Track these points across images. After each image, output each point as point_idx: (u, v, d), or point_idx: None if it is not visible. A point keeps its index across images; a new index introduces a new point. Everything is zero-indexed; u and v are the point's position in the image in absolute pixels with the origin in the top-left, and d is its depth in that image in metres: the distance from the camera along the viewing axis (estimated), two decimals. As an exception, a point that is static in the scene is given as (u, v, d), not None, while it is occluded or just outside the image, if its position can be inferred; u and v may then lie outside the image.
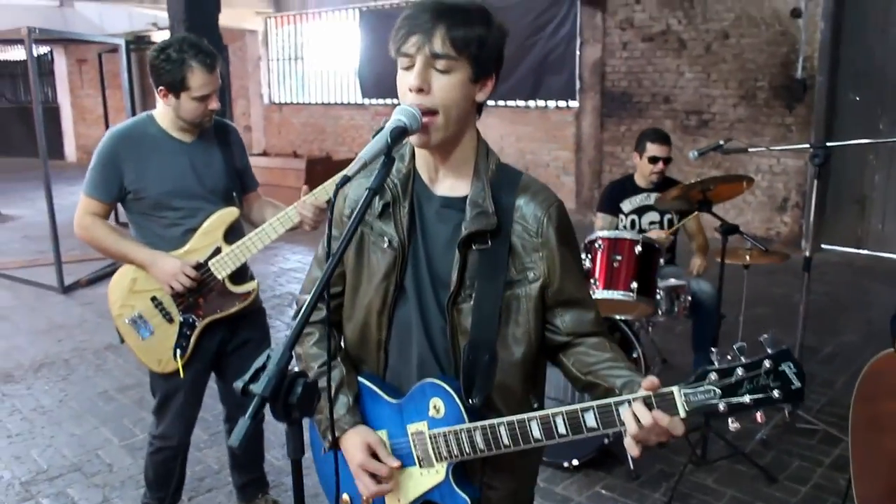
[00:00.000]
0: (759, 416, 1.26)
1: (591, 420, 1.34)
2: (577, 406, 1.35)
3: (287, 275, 7.39)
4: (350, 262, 1.58)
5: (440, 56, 1.37)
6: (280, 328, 5.68)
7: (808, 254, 3.76)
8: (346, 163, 12.53)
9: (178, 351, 2.60)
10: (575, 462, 3.48)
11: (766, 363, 1.24)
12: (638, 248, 3.50)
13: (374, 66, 11.93)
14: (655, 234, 4.16)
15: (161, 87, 2.48)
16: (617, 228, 4.26)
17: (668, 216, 4.33)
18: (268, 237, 2.57)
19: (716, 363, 1.28)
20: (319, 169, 11.63)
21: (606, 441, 3.43)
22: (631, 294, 3.44)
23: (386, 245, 1.51)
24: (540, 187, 1.53)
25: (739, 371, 1.25)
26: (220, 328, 2.70)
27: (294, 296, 6.58)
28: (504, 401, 1.49)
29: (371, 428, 1.55)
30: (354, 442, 1.51)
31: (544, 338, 1.53)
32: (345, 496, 1.60)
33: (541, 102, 10.13)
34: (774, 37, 7.80)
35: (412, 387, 1.52)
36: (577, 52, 9.51)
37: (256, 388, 1.14)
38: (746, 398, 1.25)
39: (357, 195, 1.57)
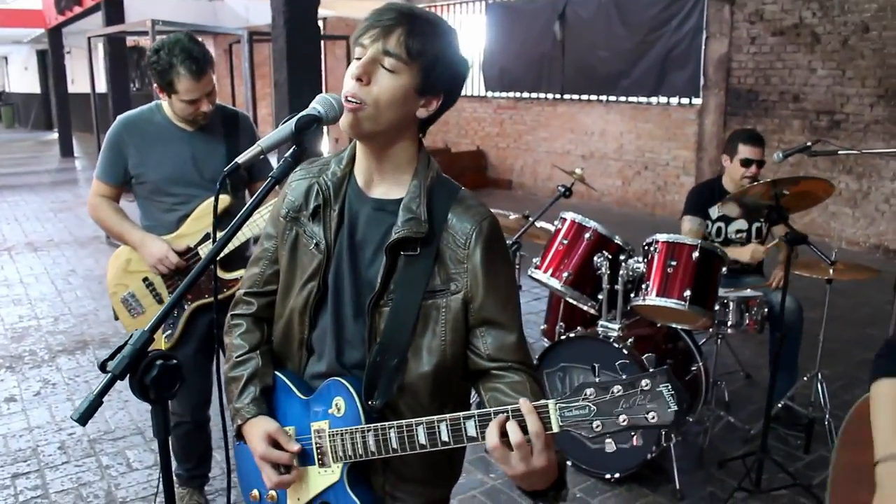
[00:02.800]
0: (634, 439, 1.18)
1: (471, 429, 1.28)
2: (461, 414, 1.30)
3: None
4: (284, 262, 1.59)
5: (390, 54, 1.36)
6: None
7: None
8: (465, 155, 12.63)
9: (167, 332, 2.69)
10: (617, 475, 3.33)
11: (644, 382, 1.15)
12: (696, 255, 3.28)
13: (498, 60, 11.90)
14: (752, 248, 3.87)
15: (156, 84, 2.59)
16: (704, 236, 4.02)
17: (756, 225, 4.04)
18: (257, 226, 2.57)
19: (596, 379, 1.18)
20: (439, 160, 11.62)
21: (650, 456, 3.25)
22: (683, 303, 3.23)
23: (313, 247, 1.52)
24: (476, 202, 1.49)
25: (616, 389, 1.17)
26: (211, 313, 2.74)
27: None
28: (411, 410, 1.46)
29: (278, 421, 1.55)
30: (255, 432, 1.51)
31: (465, 358, 1.49)
32: (254, 492, 1.61)
33: (663, 99, 9.73)
34: (921, 31, 7.08)
35: (320, 386, 1.51)
36: (703, 47, 9.05)
37: (110, 365, 1.16)
38: (621, 418, 1.16)
39: (296, 195, 1.57)
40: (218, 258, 2.58)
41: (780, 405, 3.78)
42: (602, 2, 10.11)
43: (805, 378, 3.81)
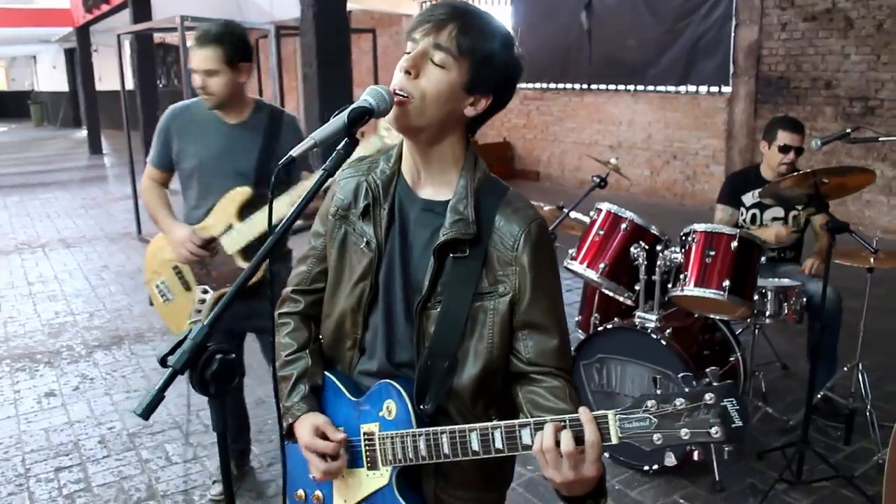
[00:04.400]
0: (696, 454, 1.16)
1: (526, 437, 1.28)
2: (516, 422, 1.29)
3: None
4: (332, 261, 1.58)
5: (441, 48, 1.35)
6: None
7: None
8: (492, 146, 12.59)
9: (194, 317, 2.78)
10: (655, 466, 3.30)
11: (708, 396, 1.13)
12: (734, 244, 3.25)
13: (525, 49, 11.71)
14: (776, 229, 3.85)
15: None
16: (738, 223, 3.98)
17: (793, 212, 3.99)
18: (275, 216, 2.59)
19: (658, 390, 1.18)
20: (465, 152, 11.73)
21: (690, 448, 3.23)
22: (722, 293, 3.20)
23: (364, 245, 1.51)
24: (524, 204, 1.47)
25: (678, 402, 1.15)
26: (235, 303, 2.77)
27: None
28: (459, 413, 1.45)
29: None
30: (304, 427, 1.51)
31: (508, 360, 1.47)
32: (299, 491, 1.61)
33: (692, 87, 9.62)
34: (959, 13, 6.94)
35: (371, 387, 1.51)
36: (732, 34, 8.93)
37: (171, 360, 1.17)
38: (682, 432, 1.14)
39: (345, 193, 1.57)
40: (239, 248, 2.65)
41: (819, 396, 3.73)
42: (629, -10, 10.02)
43: (845, 368, 3.75)
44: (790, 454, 3.27)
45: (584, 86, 11.11)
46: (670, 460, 1.18)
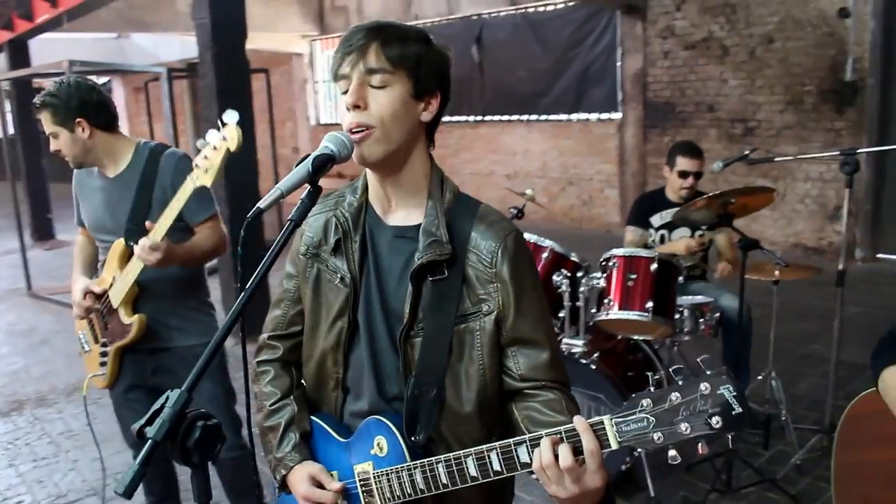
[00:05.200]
0: (700, 447, 1.14)
1: (524, 455, 1.25)
2: (510, 441, 1.26)
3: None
4: (308, 301, 1.54)
5: (375, 70, 1.34)
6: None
7: (841, 266, 3.55)
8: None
9: (99, 370, 2.73)
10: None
11: (703, 386, 1.11)
12: (654, 266, 3.37)
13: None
14: (685, 241, 4.01)
15: None
16: (646, 244, 4.13)
17: (699, 232, 4.17)
18: (136, 269, 2.50)
19: (651, 388, 1.16)
20: (365, 188, 11.72)
21: (625, 467, 3.30)
22: (646, 315, 3.31)
23: (338, 281, 1.47)
24: (498, 217, 1.46)
25: (674, 396, 1.12)
26: (140, 357, 2.72)
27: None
28: (458, 440, 1.41)
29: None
30: (298, 477, 1.46)
31: (501, 379, 1.45)
32: None
33: (583, 115, 9.99)
34: (821, 39, 7.51)
35: (359, 426, 1.47)
36: (619, 63, 9.35)
37: (150, 431, 1.10)
38: (683, 427, 1.11)
39: (314, 231, 1.54)
40: (121, 301, 2.56)
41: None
42: (517, 23, 10.34)
43: (759, 377, 3.94)
44: (719, 464, 3.39)
45: (479, 117, 11.33)
46: (675, 460, 1.15)
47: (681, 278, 3.49)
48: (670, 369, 1.16)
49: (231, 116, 1.95)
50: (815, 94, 7.65)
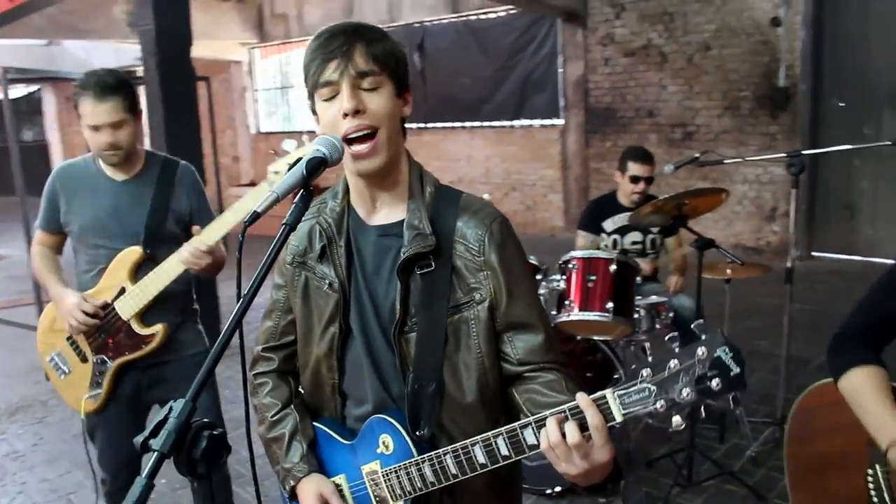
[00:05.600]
0: (703, 411, 1.17)
1: (530, 437, 1.26)
2: (515, 424, 1.27)
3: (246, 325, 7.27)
4: (298, 310, 1.53)
5: (366, 74, 1.33)
6: (236, 377, 5.59)
7: (789, 264, 3.68)
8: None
9: (93, 391, 2.56)
10: (558, 488, 3.38)
11: (700, 350, 1.13)
12: (613, 268, 3.43)
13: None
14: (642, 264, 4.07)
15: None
16: (598, 248, 4.19)
17: (650, 236, 4.25)
18: (167, 276, 2.46)
19: (649, 359, 1.20)
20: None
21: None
22: (607, 315, 3.36)
23: (327, 287, 1.47)
24: (481, 205, 1.47)
25: (672, 363, 1.14)
26: (136, 373, 2.61)
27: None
28: (463, 431, 1.40)
29: (328, 474, 1.50)
30: (308, 493, 1.45)
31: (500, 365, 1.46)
32: None
33: (525, 121, 10.11)
34: (755, 46, 7.79)
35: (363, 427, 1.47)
36: (560, 70, 9.50)
37: (156, 443, 1.06)
38: (684, 392, 1.13)
39: (299, 240, 1.52)
40: (135, 313, 2.47)
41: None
42: (459, 31, 10.40)
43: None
44: (680, 459, 3.46)
45: (421, 125, 11.34)
46: (678, 425, 1.16)
47: (638, 278, 3.56)
48: (665, 338, 1.18)
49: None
50: (750, 100, 7.92)
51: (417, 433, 1.39)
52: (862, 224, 7.61)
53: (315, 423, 1.55)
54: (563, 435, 1.20)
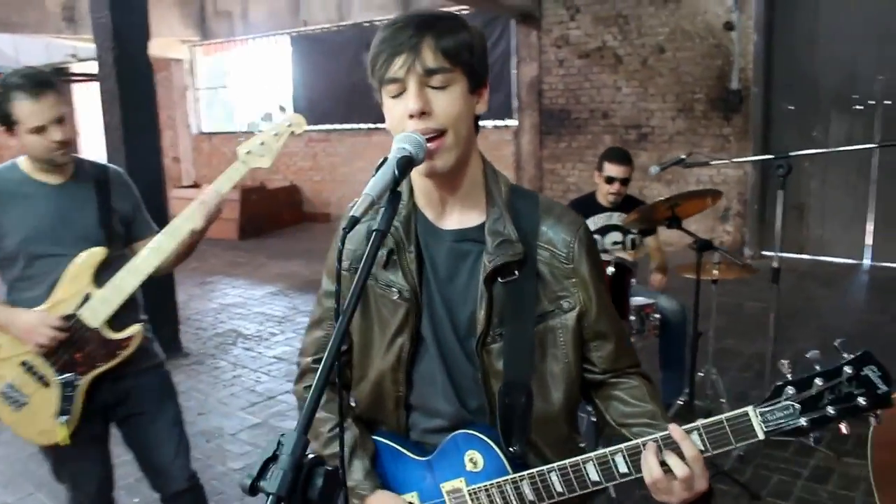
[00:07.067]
0: (843, 427, 1.15)
1: (622, 465, 1.25)
2: (606, 451, 1.25)
3: (228, 310, 7.06)
4: (355, 321, 1.42)
5: (435, 71, 1.23)
6: (226, 368, 5.39)
7: (775, 265, 3.72)
8: (280, 191, 12.24)
9: (63, 417, 2.32)
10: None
11: (847, 369, 1.13)
12: (610, 270, 3.39)
13: (307, 93, 11.71)
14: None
15: (2, 128, 2.27)
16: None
17: (630, 236, 4.25)
18: (142, 272, 2.30)
19: (789, 376, 1.17)
20: (255, 198, 11.32)
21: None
22: (607, 318, 3.32)
23: (396, 297, 1.37)
24: (563, 209, 1.41)
25: (818, 381, 1.13)
26: (105, 388, 2.41)
27: (238, 332, 6.28)
28: (548, 444, 1.36)
29: (395, 492, 1.40)
30: None
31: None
32: None
33: (479, 122, 10.05)
34: (709, 50, 7.92)
35: (441, 443, 1.37)
36: (514, 71, 9.49)
37: (269, 486, 0.93)
38: (829, 410, 1.13)
39: (356, 244, 1.43)
40: (106, 318, 2.28)
41: (680, 402, 3.99)
42: (411, 31, 10.30)
43: (700, 374, 4.05)
44: (674, 462, 3.44)
45: (372, 125, 11.19)
46: (818, 442, 1.18)
47: (634, 280, 3.54)
48: (807, 355, 1.17)
49: (288, 107, 1.81)
50: (704, 102, 8.06)
51: (511, 449, 1.32)
52: (811, 224, 7.82)
53: (377, 438, 1.45)
54: (662, 465, 1.19)
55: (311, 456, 0.98)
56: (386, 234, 1.17)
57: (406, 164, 1.19)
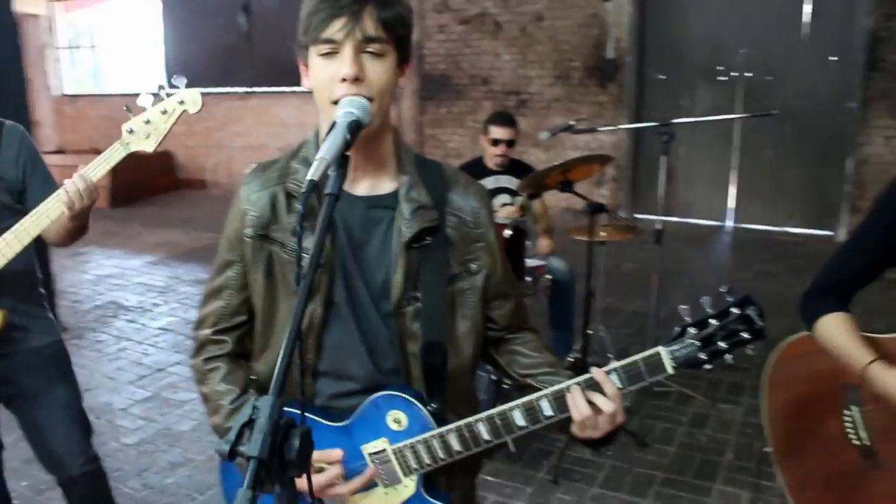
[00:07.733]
0: (729, 358, 1.33)
1: (547, 409, 1.35)
2: (532, 396, 1.35)
3: (105, 282, 6.75)
4: (259, 287, 1.43)
5: (373, 40, 1.26)
6: (109, 341, 5.19)
7: (659, 227, 3.97)
8: (151, 157, 11.67)
9: None
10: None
11: (734, 310, 1.31)
12: (507, 233, 3.51)
13: (179, 54, 11.18)
14: (506, 211, 4.20)
15: None
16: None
17: (518, 198, 4.39)
18: (18, 242, 2.09)
19: (688, 319, 1.34)
20: (126, 164, 10.68)
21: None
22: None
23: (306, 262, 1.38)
24: (468, 178, 1.50)
25: (713, 321, 1.32)
26: None
27: (118, 304, 6.03)
28: (459, 400, 1.46)
29: None
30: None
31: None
32: None
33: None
34: (586, 19, 8.18)
35: (358, 406, 1.41)
36: (396, 36, 9.45)
37: (249, 448, 0.95)
38: (721, 344, 1.31)
39: (260, 209, 1.41)
40: None
41: (570, 359, 4.21)
42: (289, -9, 10.02)
43: (590, 332, 4.28)
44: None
45: (248, 89, 10.86)
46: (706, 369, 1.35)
47: (528, 242, 3.68)
48: (699, 300, 1.35)
49: (181, 81, 1.74)
50: (581, 70, 8.33)
51: (431, 406, 1.40)
52: (680, 187, 8.30)
53: (287, 409, 1.47)
54: (590, 404, 1.31)
55: (283, 418, 1.01)
56: (338, 199, 1.18)
57: (356, 127, 1.21)
